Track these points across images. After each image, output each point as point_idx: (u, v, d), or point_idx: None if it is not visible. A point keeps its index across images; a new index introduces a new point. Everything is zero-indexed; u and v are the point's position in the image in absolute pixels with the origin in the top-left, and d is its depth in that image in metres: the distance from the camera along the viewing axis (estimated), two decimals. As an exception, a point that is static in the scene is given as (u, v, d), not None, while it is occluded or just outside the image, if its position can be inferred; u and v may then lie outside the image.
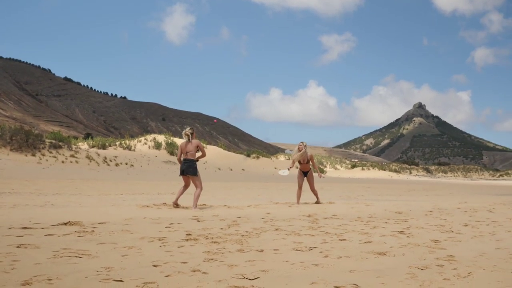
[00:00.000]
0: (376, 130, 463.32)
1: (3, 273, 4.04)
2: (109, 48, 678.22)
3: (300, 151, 12.66)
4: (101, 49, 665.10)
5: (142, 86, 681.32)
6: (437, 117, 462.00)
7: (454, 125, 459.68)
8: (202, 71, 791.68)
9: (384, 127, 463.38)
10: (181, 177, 10.69)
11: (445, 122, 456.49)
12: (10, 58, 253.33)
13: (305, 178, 12.78)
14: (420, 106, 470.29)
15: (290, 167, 12.95)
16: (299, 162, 12.78)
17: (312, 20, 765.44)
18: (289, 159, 70.68)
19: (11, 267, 4.25)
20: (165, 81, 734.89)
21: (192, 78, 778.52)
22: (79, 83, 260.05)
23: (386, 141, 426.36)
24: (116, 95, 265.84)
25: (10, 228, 6.40)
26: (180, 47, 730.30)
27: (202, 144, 10.85)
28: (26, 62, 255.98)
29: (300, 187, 12.82)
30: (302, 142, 12.78)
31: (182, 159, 10.54)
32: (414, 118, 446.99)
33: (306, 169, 12.78)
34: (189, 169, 10.40)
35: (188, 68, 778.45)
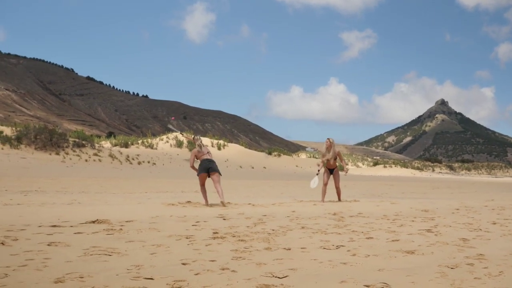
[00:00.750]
0: (398, 128, 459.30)
1: (36, 271, 4.09)
2: (130, 47, 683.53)
3: (327, 148, 12.57)
4: (123, 48, 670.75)
5: (163, 84, 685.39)
6: (460, 113, 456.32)
7: (478, 122, 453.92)
8: (223, 69, 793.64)
9: (406, 124, 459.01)
10: (199, 176, 10.81)
11: (468, 119, 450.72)
12: (34, 58, 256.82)
13: (331, 175, 12.71)
14: (442, 102, 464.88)
15: (319, 170, 12.89)
16: (327, 160, 12.69)
17: (333, 17, 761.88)
18: (310, 157, 70.51)
19: (43, 265, 4.31)
20: (186, 80, 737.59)
21: (213, 76, 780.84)
22: (101, 82, 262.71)
23: (408, 139, 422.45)
24: (137, 94, 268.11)
25: (40, 226, 6.49)
26: (201, 46, 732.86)
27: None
28: (50, 62, 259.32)
29: (325, 184, 12.69)
30: (328, 139, 12.65)
31: (203, 159, 10.85)
32: (437, 115, 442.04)
33: (333, 166, 12.69)
34: (215, 167, 10.84)
35: (209, 66, 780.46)
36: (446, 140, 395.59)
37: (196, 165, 11.04)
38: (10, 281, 3.75)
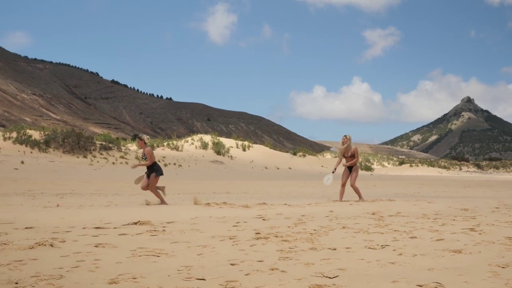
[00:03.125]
0: (423, 126, 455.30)
1: (89, 272, 4.13)
2: (153, 50, 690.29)
3: (343, 144, 12.53)
4: (146, 51, 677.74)
5: (186, 86, 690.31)
6: (486, 111, 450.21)
7: (505, 119, 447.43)
8: (245, 70, 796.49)
9: (432, 123, 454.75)
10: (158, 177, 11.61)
11: (495, 116, 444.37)
12: (59, 63, 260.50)
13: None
14: (468, 100, 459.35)
15: (335, 168, 12.84)
16: (344, 156, 12.66)
17: (355, 15, 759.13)
18: (335, 157, 70.19)
19: (94, 266, 4.34)
20: (209, 81, 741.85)
21: (235, 77, 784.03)
22: (125, 86, 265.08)
23: (434, 137, 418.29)
24: (161, 96, 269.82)
25: (84, 228, 6.56)
26: (223, 47, 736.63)
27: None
28: (75, 66, 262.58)
29: (342, 185, 12.64)
30: (345, 135, 12.64)
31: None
32: (463, 113, 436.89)
33: (352, 164, 12.62)
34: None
35: (231, 67, 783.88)
36: (473, 138, 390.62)
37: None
38: (65, 282, 3.79)
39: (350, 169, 12.67)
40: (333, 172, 13.00)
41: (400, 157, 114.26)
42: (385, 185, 27.20)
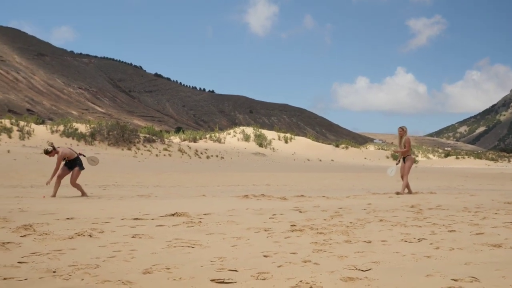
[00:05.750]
0: (470, 117, 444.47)
1: (125, 262, 4.22)
2: (194, 43, 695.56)
3: (400, 137, 12.51)
4: (188, 44, 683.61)
5: (228, 79, 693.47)
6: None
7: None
8: (287, 61, 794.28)
9: (479, 114, 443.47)
10: None
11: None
12: (104, 57, 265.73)
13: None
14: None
15: (399, 160, 12.79)
16: (401, 148, 12.64)
17: (399, 4, 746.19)
18: (379, 149, 69.36)
19: (130, 256, 4.44)
20: (251, 73, 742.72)
21: (277, 69, 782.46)
22: (168, 79, 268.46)
23: (481, 129, 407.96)
24: (204, 89, 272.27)
25: (122, 219, 6.71)
26: (264, 39, 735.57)
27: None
28: (119, 60, 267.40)
29: (401, 176, 12.63)
30: (401, 127, 12.59)
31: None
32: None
33: (405, 154, 12.54)
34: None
35: (273, 59, 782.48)
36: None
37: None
38: (101, 271, 3.89)
39: (405, 160, 12.64)
40: (396, 164, 13.00)
41: (446, 149, 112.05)
42: (429, 177, 26.73)
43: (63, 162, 11.16)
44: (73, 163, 11.15)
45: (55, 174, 10.98)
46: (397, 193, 12.01)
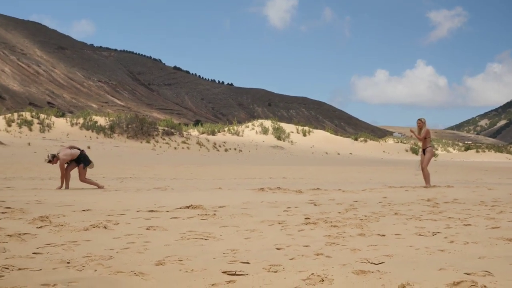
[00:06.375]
0: (492, 110, 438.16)
1: (138, 253, 4.27)
2: (213, 35, 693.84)
3: (420, 128, 12.53)
4: (206, 37, 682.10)
5: (247, 72, 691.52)
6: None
7: None
8: (306, 54, 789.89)
9: (501, 107, 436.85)
10: None
11: None
12: (124, 50, 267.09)
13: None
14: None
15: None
16: (419, 139, 12.67)
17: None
18: (398, 142, 68.91)
19: (144, 248, 4.48)
20: (270, 66, 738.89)
21: (296, 62, 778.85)
22: (187, 72, 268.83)
23: (503, 122, 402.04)
24: (223, 82, 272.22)
25: (138, 211, 6.77)
26: (283, 31, 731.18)
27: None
28: (138, 53, 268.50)
29: (422, 168, 12.64)
30: (419, 119, 12.64)
31: None
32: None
33: (424, 146, 12.59)
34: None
35: (292, 52, 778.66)
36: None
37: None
38: (114, 262, 3.93)
39: (423, 151, 12.75)
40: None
41: (466, 142, 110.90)
42: (447, 171, 26.50)
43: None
44: (78, 160, 11.24)
45: (63, 180, 11.09)
46: (425, 187, 12.08)
